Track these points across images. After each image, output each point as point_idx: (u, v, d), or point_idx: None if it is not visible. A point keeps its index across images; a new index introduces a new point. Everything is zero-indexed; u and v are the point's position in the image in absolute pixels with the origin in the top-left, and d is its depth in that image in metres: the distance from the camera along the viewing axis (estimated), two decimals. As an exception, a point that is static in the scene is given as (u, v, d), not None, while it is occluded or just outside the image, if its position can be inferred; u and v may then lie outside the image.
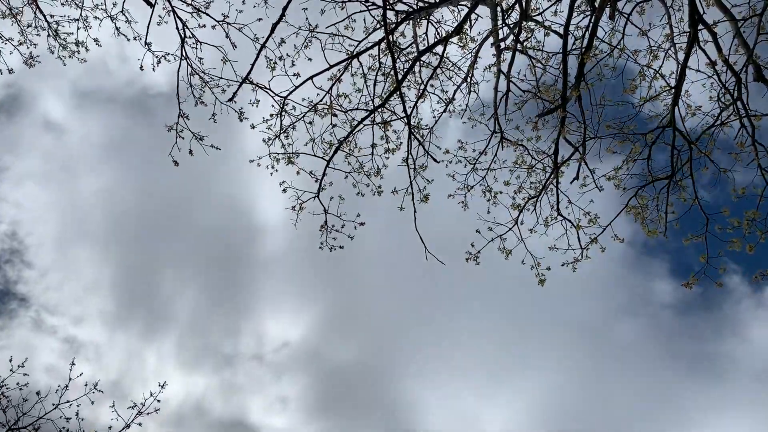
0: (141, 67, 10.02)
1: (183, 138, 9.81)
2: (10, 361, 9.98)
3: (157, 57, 10.16)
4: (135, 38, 10.39)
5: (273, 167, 10.19)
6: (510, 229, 10.17)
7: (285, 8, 9.80)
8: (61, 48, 10.98)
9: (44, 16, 10.74)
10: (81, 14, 10.62)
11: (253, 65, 10.02)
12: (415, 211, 10.27)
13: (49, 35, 10.89)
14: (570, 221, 10.19)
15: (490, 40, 11.37)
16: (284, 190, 10.08)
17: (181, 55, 10.04)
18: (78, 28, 10.75)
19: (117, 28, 10.53)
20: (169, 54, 10.18)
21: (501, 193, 10.75)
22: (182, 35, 10.04)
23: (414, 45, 11.43)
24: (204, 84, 9.98)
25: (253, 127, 10.31)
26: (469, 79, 11.50)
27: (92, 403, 9.98)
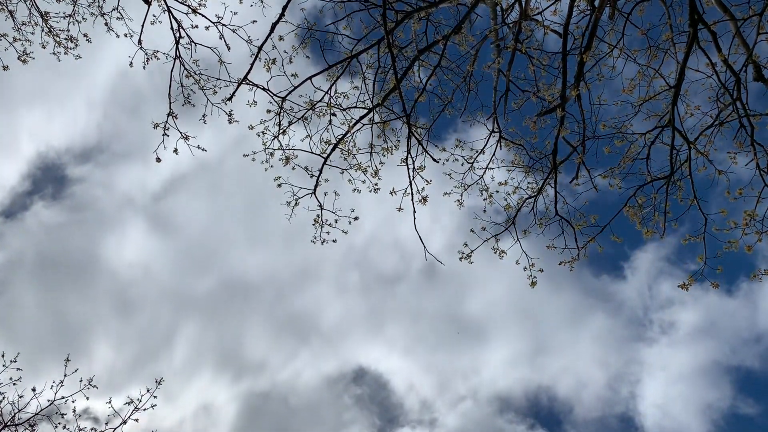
0: (131, 64, 10.09)
1: (168, 136, 9.84)
2: (2, 356, 10.00)
3: (147, 55, 10.23)
4: (126, 35, 10.44)
5: (267, 161, 10.22)
6: (506, 228, 10.14)
7: (285, 7, 9.83)
8: (56, 44, 11.05)
9: (40, 12, 10.80)
10: (74, 9, 10.69)
11: (252, 65, 10.07)
12: (414, 212, 10.28)
13: (42, 30, 10.96)
14: (567, 221, 10.16)
15: (490, 39, 11.35)
16: (279, 185, 10.10)
17: (175, 55, 10.10)
18: (69, 23, 10.82)
19: (107, 24, 10.60)
20: (159, 52, 10.24)
21: (498, 192, 10.73)
22: (176, 35, 10.10)
23: (413, 44, 11.44)
24: (196, 82, 10.02)
25: (251, 127, 10.34)
26: (468, 79, 11.49)
27: (87, 399, 10.02)
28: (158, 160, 9.85)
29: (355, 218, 10.04)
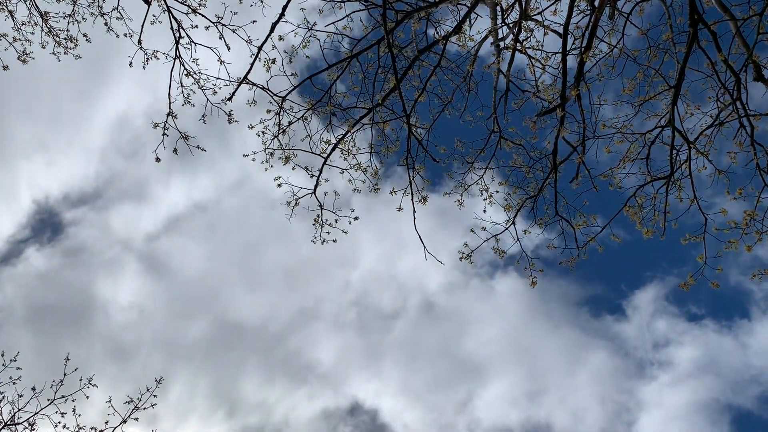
0: (130, 64, 10.11)
1: (168, 136, 9.86)
2: (2, 355, 9.99)
3: (147, 55, 10.25)
4: (126, 35, 10.46)
5: (267, 161, 10.22)
6: (506, 228, 10.14)
7: (285, 7, 9.84)
8: (55, 44, 11.07)
9: (39, 12, 10.82)
10: (74, 9, 10.70)
11: (252, 65, 10.09)
12: (414, 211, 10.28)
13: (42, 30, 10.98)
14: (568, 221, 10.16)
15: (490, 39, 11.37)
16: (279, 185, 10.11)
17: (175, 55, 10.12)
18: (69, 23, 10.85)
19: (107, 24, 10.61)
20: (159, 52, 10.27)
21: (498, 192, 10.74)
22: (176, 35, 10.12)
23: (413, 44, 11.44)
24: (195, 82, 10.04)
25: (251, 127, 10.35)
26: (468, 79, 11.49)
27: (87, 398, 10.00)
28: (158, 159, 9.86)
29: (356, 218, 10.06)
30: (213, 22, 10.00)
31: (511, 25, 11.01)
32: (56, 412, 9.96)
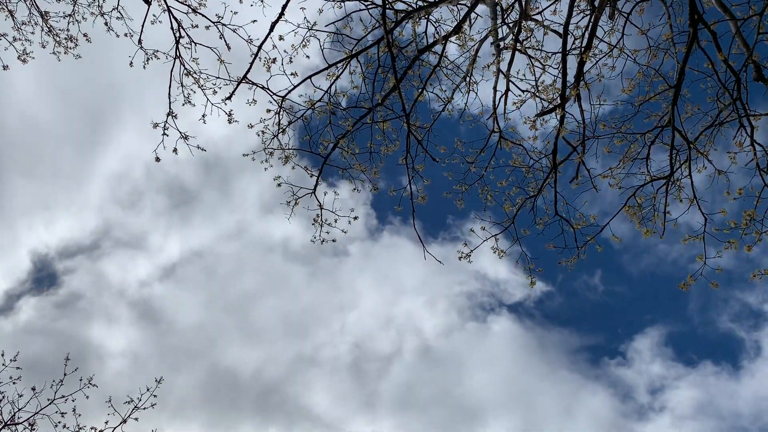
0: (131, 64, 10.11)
1: (168, 135, 9.86)
2: (2, 355, 10.00)
3: (147, 55, 10.26)
4: (126, 35, 10.47)
5: (267, 161, 10.22)
6: (506, 228, 10.14)
7: (284, 6, 9.84)
8: (55, 44, 11.07)
9: (39, 12, 10.82)
10: (74, 9, 10.71)
11: (251, 64, 10.08)
12: (413, 211, 10.27)
13: (42, 30, 11.00)
14: (567, 221, 10.16)
15: (490, 39, 11.36)
16: (279, 185, 10.11)
17: (175, 54, 10.12)
18: (69, 23, 10.86)
19: (107, 23, 10.62)
20: (159, 51, 10.28)
21: (497, 192, 10.74)
22: (177, 35, 10.13)
23: (413, 44, 11.44)
24: (195, 82, 10.04)
25: (250, 126, 10.35)
26: (468, 78, 11.49)
27: (87, 398, 10.00)
28: (157, 159, 9.86)
29: (355, 218, 10.06)
30: (213, 22, 10.01)
31: (511, 25, 11.01)
32: (56, 412, 9.97)
